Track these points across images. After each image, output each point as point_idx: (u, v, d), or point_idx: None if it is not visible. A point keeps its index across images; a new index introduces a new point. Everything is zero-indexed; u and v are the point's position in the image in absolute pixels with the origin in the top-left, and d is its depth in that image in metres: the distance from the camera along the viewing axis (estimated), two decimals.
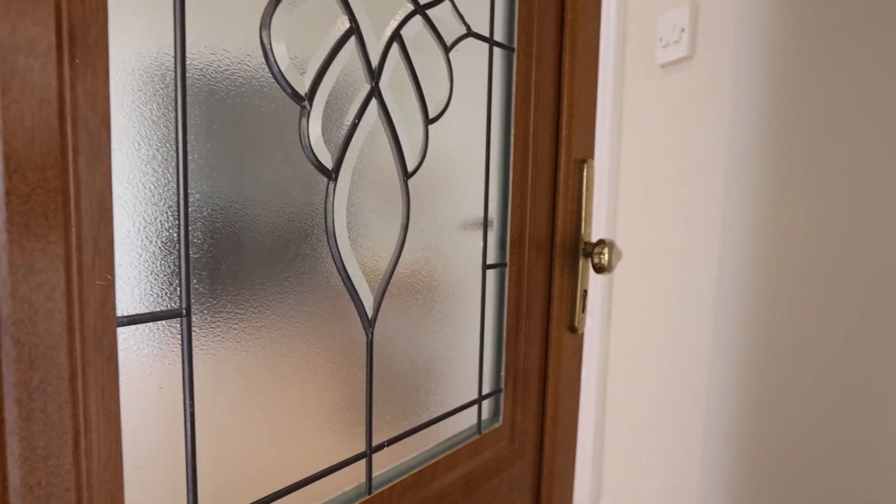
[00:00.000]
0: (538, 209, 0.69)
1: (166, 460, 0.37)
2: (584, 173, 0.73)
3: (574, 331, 0.74)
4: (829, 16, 0.98)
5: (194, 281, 0.37)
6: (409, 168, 0.52)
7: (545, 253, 0.71)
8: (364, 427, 0.50)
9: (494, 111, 0.63)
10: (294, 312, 0.43)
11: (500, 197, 0.66)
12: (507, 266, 0.66)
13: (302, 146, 0.43)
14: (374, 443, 0.51)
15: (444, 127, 0.56)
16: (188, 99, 0.36)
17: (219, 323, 0.39)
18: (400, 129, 0.50)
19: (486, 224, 0.63)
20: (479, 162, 0.61)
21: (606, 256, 0.68)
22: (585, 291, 0.74)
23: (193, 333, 0.37)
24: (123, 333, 0.34)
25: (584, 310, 0.74)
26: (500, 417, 0.68)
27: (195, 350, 0.37)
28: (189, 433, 0.38)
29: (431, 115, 0.54)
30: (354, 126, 0.46)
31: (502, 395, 0.67)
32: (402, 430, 0.54)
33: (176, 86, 0.35)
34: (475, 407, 0.64)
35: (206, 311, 0.38)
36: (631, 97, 1.46)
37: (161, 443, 0.36)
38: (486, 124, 0.62)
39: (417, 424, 0.56)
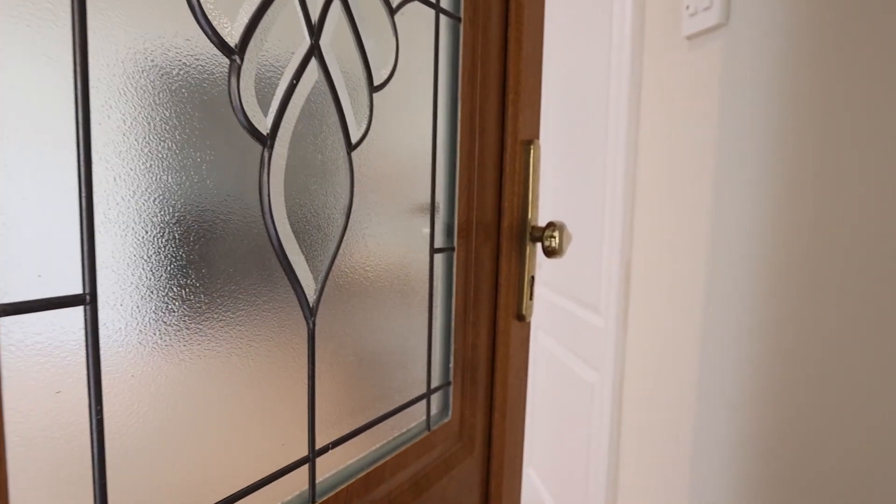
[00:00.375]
0: (485, 191, 0.66)
1: (68, 482, 0.30)
2: (531, 155, 0.71)
3: (522, 319, 0.71)
4: None
5: (101, 260, 0.30)
6: (354, 139, 0.47)
7: (492, 238, 0.68)
8: (306, 428, 0.45)
9: (442, 86, 0.59)
10: (225, 299, 0.37)
11: (448, 177, 0.62)
12: (455, 251, 0.62)
13: (232, 107, 0.37)
14: (318, 445, 0.46)
15: (389, 97, 0.51)
16: (89, 47, 0.29)
17: (132, 312, 0.32)
18: (343, 94, 0.45)
19: (433, 204, 0.59)
20: (426, 138, 0.57)
21: (557, 239, 0.66)
22: (532, 278, 0.72)
23: (101, 325, 0.31)
24: (5, 325, 0.27)
25: (531, 297, 0.72)
26: (450, 412, 0.64)
27: (103, 345, 0.31)
28: (96, 447, 0.31)
29: (377, 82, 0.49)
30: (292, 87, 0.41)
31: (451, 389, 0.64)
32: (348, 430, 0.49)
33: (74, 28, 0.29)
34: (424, 402, 0.60)
35: (115, 298, 0.31)
36: (651, 74, 1.24)
37: (61, 461, 0.29)
38: (433, 99, 0.58)
39: (365, 423, 0.51)
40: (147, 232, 0.33)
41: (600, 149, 1.40)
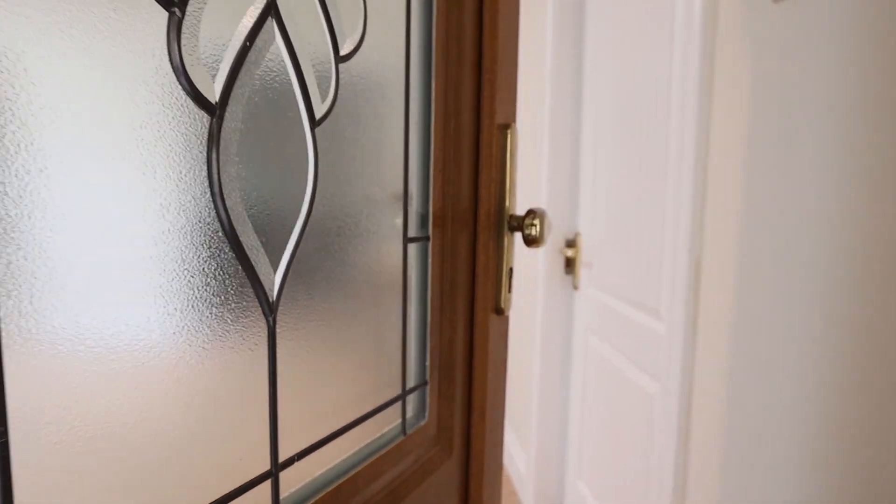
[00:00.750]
0: (460, 178, 0.62)
1: None
2: (508, 140, 0.67)
3: (500, 312, 0.67)
4: None
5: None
6: (318, 113, 0.42)
7: (468, 227, 0.64)
8: (268, 439, 0.40)
9: (414, 63, 0.55)
10: (169, 295, 0.32)
11: (421, 161, 0.57)
12: (430, 241, 0.58)
13: (173, 67, 0.31)
14: (282, 458, 0.41)
15: (357, 69, 0.46)
16: None
17: (47, 310, 0.27)
18: (304, 62, 0.40)
19: (406, 189, 0.54)
20: (398, 118, 0.52)
21: (538, 228, 0.62)
22: (511, 269, 0.68)
23: (3, 330, 0.25)
24: None
25: (510, 289, 0.68)
26: (426, 413, 0.60)
27: (6, 350, 0.25)
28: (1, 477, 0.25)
29: (343, 51, 0.44)
30: (246, 49, 0.35)
31: (428, 389, 0.59)
32: (316, 439, 0.44)
33: None
34: (399, 404, 0.56)
35: (24, 293, 0.26)
36: (727, 45, 1.03)
37: None
38: (405, 76, 0.53)
39: (335, 430, 0.47)
40: (63, 212, 0.27)
41: (661, 139, 1.26)
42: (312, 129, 0.41)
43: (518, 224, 0.64)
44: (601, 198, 1.65)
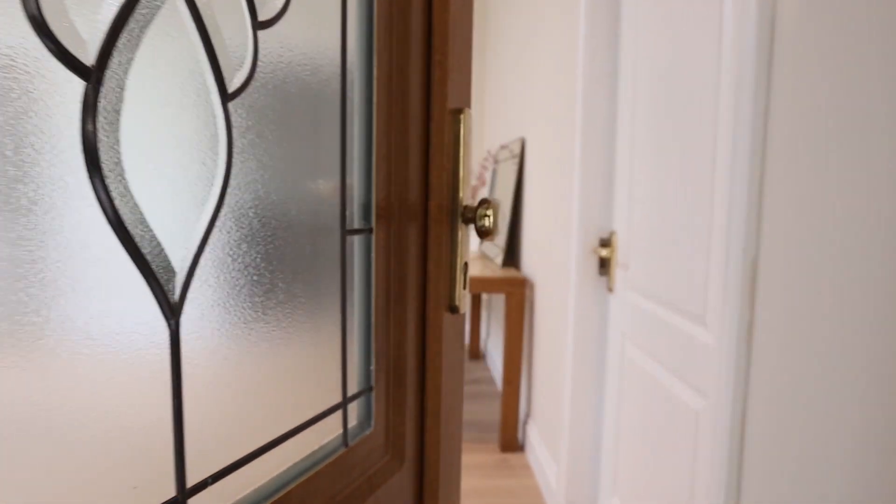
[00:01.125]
0: (408, 165, 0.57)
1: None
2: (461, 126, 0.62)
3: (455, 311, 0.63)
4: None
5: None
6: (231, 86, 0.36)
7: (418, 219, 0.60)
8: (172, 461, 0.34)
9: (352, 37, 0.50)
10: (42, 299, 0.26)
11: (363, 147, 0.52)
12: (374, 233, 0.53)
13: (28, 17, 0.26)
14: (191, 482, 0.36)
15: (280, 39, 0.41)
16: None
17: None
18: (211, 25, 0.35)
19: (343, 176, 0.49)
20: (333, 96, 0.47)
21: (492, 219, 0.58)
22: (466, 264, 0.64)
23: None
24: None
25: (465, 286, 0.63)
26: (372, 421, 0.55)
27: None
28: None
29: (262, 17, 0.39)
30: (132, 4, 0.30)
31: (373, 394, 0.54)
32: (235, 458, 0.39)
33: None
34: (340, 412, 0.51)
35: None
36: (788, 22, 0.88)
37: None
38: (341, 50, 0.48)
39: (259, 446, 0.41)
40: None
41: (707, 129, 1.13)
42: (224, 104, 0.36)
43: (471, 215, 0.60)
44: (639, 194, 1.51)
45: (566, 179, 1.96)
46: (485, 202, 0.59)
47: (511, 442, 2.55)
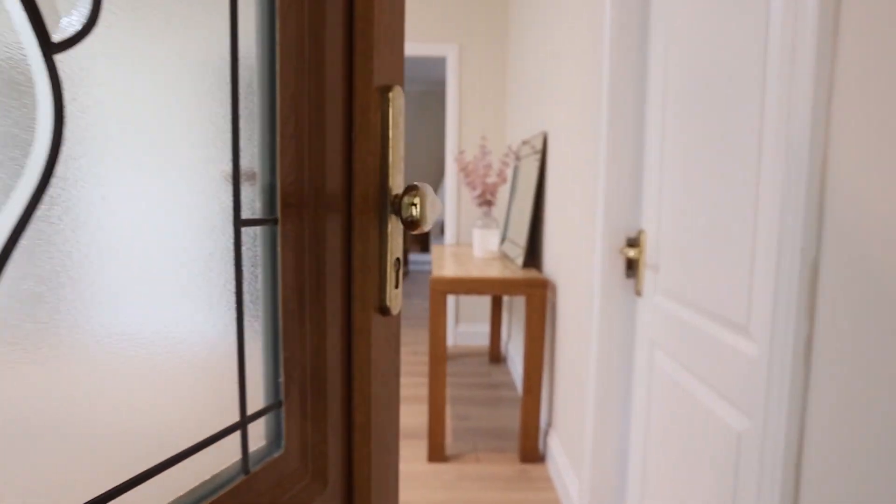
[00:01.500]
0: (325, 149, 0.50)
1: None
2: (390, 105, 0.55)
3: (385, 312, 0.56)
4: None
5: None
6: (58, 33, 0.29)
7: (339, 210, 0.53)
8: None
9: None
10: None
11: (266, 125, 0.45)
12: (280, 224, 0.46)
13: None
14: None
15: None
16: None
17: None
18: None
19: (236, 155, 0.42)
20: (222, 60, 0.40)
21: (419, 208, 0.52)
22: (399, 260, 0.57)
23: None
24: None
25: (397, 284, 0.57)
26: (282, 442, 0.47)
27: None
28: None
29: None
30: None
31: (283, 411, 0.47)
32: (90, 496, 0.32)
33: None
34: (238, 433, 0.43)
35: None
36: None
37: None
38: (230, 6, 0.41)
39: (125, 480, 0.34)
40: None
41: (751, 115, 1.00)
42: (48, 57, 0.28)
43: (396, 203, 0.53)
44: (670, 189, 1.37)
45: (591, 174, 1.84)
46: (412, 189, 0.52)
47: (531, 452, 2.43)
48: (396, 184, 0.56)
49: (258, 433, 0.46)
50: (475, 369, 3.73)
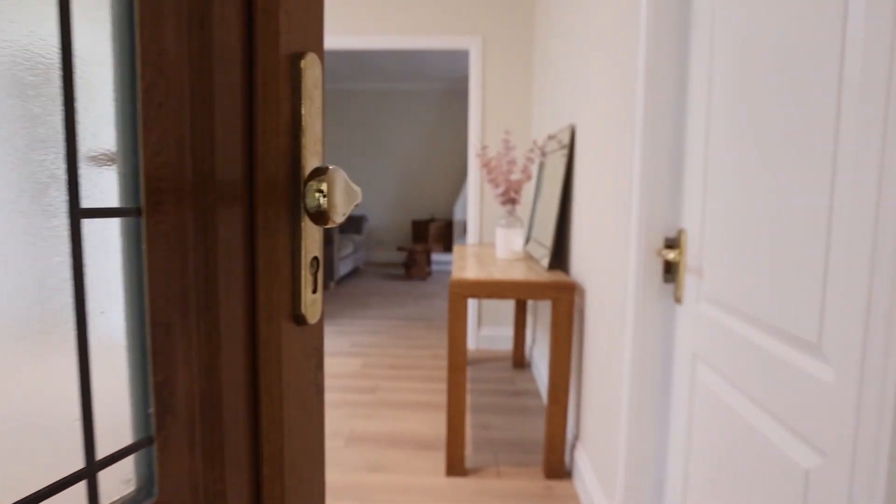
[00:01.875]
0: (216, 125, 0.41)
1: None
2: (303, 76, 0.47)
3: (301, 321, 0.47)
4: None
5: None
6: None
7: (239, 200, 0.44)
8: None
9: None
10: None
11: (123, 91, 0.37)
12: (145, 217, 0.37)
13: None
14: None
15: None
16: None
17: None
18: None
19: (72, 127, 0.33)
20: (48, 8, 0.32)
21: (325, 195, 0.42)
22: (317, 259, 0.48)
23: None
24: None
25: (315, 288, 0.48)
26: (155, 489, 0.39)
27: None
28: None
29: None
30: None
31: (154, 449, 0.38)
32: None
33: None
34: (81, 485, 0.35)
35: None
36: None
37: None
38: None
39: None
40: None
41: (826, 96, 0.84)
42: None
43: (298, 191, 0.44)
44: (718, 183, 1.21)
45: (624, 168, 1.68)
46: (319, 171, 0.43)
47: (557, 468, 2.30)
48: (312, 169, 0.47)
49: (123, 478, 0.37)
50: (498, 375, 3.61)
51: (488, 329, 4.19)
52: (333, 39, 3.96)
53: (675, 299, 1.46)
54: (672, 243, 1.46)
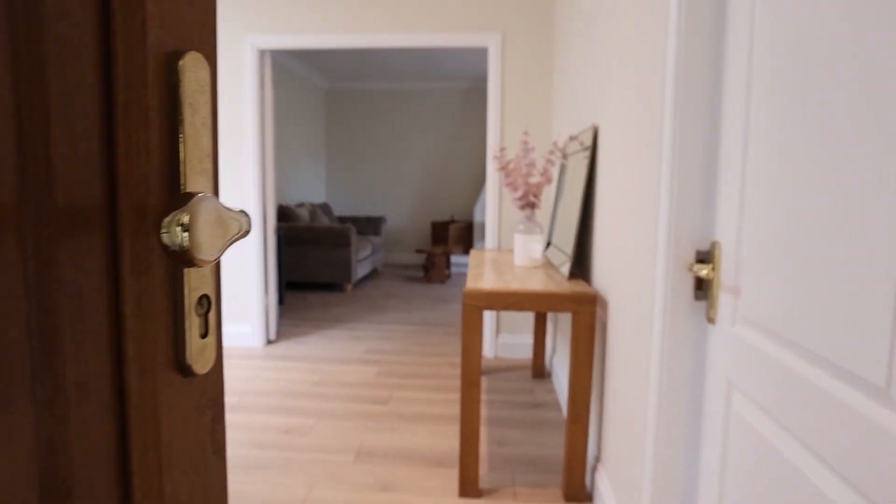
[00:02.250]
0: (55, 140, 0.34)
1: None
2: (182, 79, 0.39)
3: (188, 372, 0.39)
4: None
5: None
6: None
7: (97, 230, 0.36)
8: None
9: None
10: None
11: None
12: None
13: None
14: None
15: None
16: None
17: None
18: None
19: None
20: None
21: (186, 228, 0.34)
22: (207, 298, 0.40)
23: None
24: None
25: (205, 332, 0.40)
26: None
27: None
28: None
29: None
30: None
31: None
32: None
33: None
34: None
35: None
36: None
37: None
38: None
39: None
40: None
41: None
42: None
43: (154, 221, 0.36)
44: (757, 190, 1.08)
45: (652, 174, 1.57)
46: (182, 198, 0.35)
47: (576, 491, 2.18)
48: (202, 190, 0.39)
49: None
50: (516, 385, 3.50)
51: (507, 336, 4.08)
52: (343, 38, 3.92)
53: (707, 319, 1.33)
54: (704, 257, 1.33)
